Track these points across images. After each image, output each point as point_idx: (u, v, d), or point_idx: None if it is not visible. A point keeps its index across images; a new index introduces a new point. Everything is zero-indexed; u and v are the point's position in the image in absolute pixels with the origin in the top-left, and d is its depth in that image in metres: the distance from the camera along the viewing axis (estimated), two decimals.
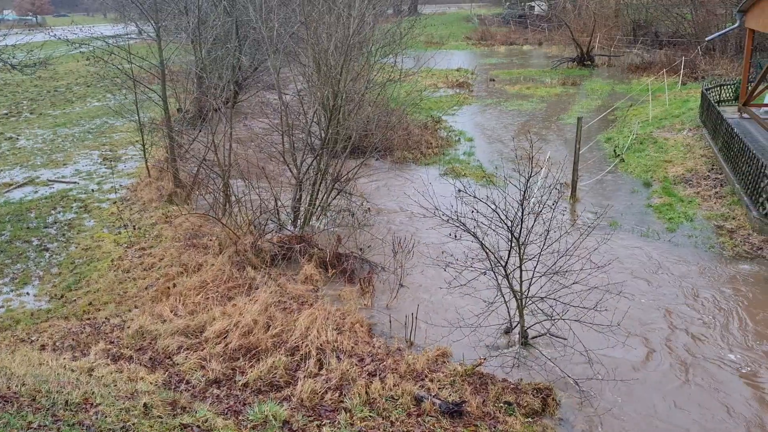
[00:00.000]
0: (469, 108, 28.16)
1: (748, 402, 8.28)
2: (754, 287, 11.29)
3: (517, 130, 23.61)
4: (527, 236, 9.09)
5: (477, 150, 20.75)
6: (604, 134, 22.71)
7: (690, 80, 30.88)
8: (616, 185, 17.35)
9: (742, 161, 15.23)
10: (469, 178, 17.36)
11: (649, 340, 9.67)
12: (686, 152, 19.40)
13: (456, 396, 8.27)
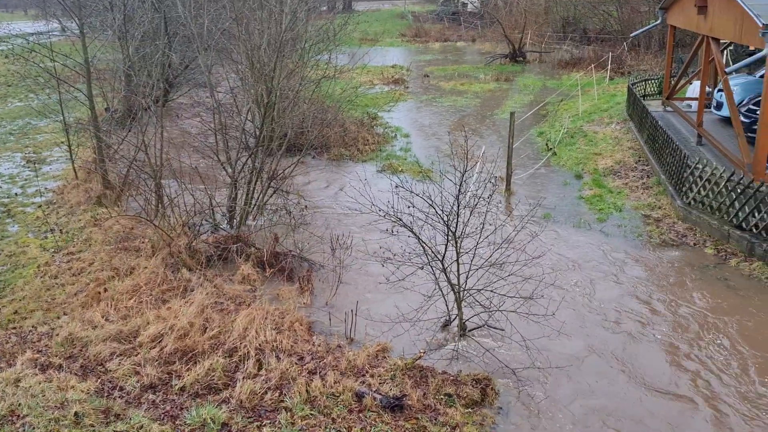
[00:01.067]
0: (405, 104, 28.32)
1: (678, 380, 8.60)
2: (680, 272, 11.75)
3: (452, 126, 23.88)
4: (463, 230, 9.20)
5: (413, 146, 20.89)
6: (537, 128, 23.21)
7: (617, 75, 31.89)
8: (549, 178, 17.76)
9: (667, 153, 15.83)
10: (407, 174, 17.45)
11: (583, 328, 9.93)
12: (615, 145, 20.03)
13: (397, 390, 8.30)
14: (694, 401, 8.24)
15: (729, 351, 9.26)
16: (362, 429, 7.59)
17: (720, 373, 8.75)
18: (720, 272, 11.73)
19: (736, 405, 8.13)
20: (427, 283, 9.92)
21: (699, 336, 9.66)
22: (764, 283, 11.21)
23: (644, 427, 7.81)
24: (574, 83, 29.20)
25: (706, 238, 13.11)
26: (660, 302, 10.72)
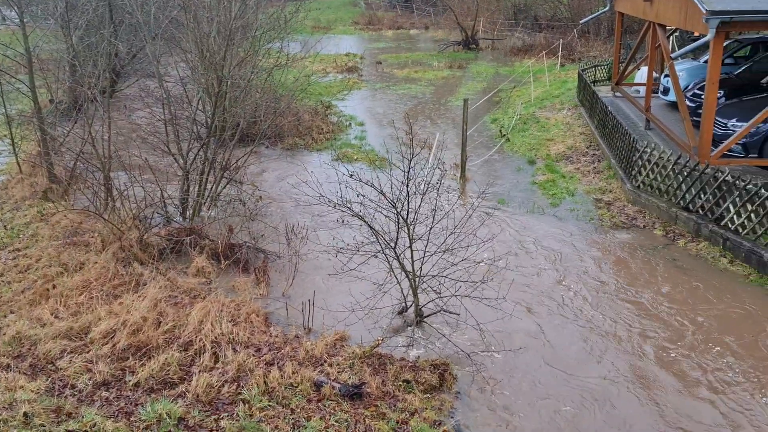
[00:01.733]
0: (360, 93, 28.23)
1: (624, 356, 8.82)
2: (631, 254, 12.03)
3: (406, 114, 23.90)
4: (415, 216, 9.23)
5: (368, 134, 20.85)
6: (490, 115, 23.41)
7: (568, 62, 32.35)
8: (503, 164, 17.94)
9: (616, 137, 16.14)
10: (361, 163, 17.42)
11: (535, 310, 10.09)
12: (566, 130, 20.33)
13: (355, 378, 8.32)
14: (642, 378, 8.45)
15: (677, 328, 9.52)
16: (321, 418, 7.58)
17: (668, 346, 9.01)
18: (669, 253, 12.04)
19: (681, 378, 8.39)
20: (382, 271, 9.94)
21: (647, 314, 9.91)
22: (710, 262, 11.55)
23: (596, 409, 7.99)
24: (526, 70, 29.52)
25: (655, 220, 13.43)
26: (611, 283, 10.95)
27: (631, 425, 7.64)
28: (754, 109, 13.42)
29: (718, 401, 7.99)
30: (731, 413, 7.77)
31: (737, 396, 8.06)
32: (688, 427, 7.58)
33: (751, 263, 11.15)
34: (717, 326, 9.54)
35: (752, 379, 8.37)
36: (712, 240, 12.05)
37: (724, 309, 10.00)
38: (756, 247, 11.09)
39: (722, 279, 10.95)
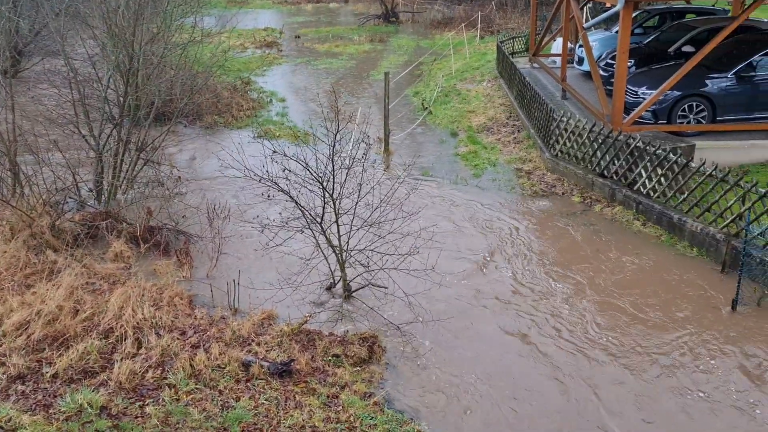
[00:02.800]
0: (280, 68, 27.73)
1: (548, 317, 9.11)
2: (550, 220, 12.38)
3: (328, 89, 23.66)
4: (341, 191, 9.18)
5: (290, 110, 20.55)
6: (412, 88, 23.47)
7: (487, 34, 32.74)
8: (426, 137, 18.06)
9: (535, 108, 16.50)
10: (284, 139, 17.16)
11: (463, 279, 10.27)
12: (487, 102, 20.63)
13: (284, 356, 8.26)
14: (562, 336, 8.76)
15: (597, 286, 9.89)
16: (251, 397, 7.51)
17: (591, 305, 9.36)
18: (586, 218, 12.45)
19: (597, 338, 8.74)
20: (309, 247, 9.86)
21: (567, 278, 10.25)
22: (624, 225, 12.02)
23: (520, 375, 8.22)
24: (446, 43, 29.68)
25: (573, 187, 13.84)
26: (533, 249, 11.25)
27: (551, 387, 7.91)
28: (662, 77, 13.96)
29: (637, 336, 8.38)
30: (642, 348, 8.17)
31: (646, 326, 8.47)
32: (598, 385, 7.92)
33: (662, 225, 11.66)
34: (629, 282, 9.96)
35: (654, 319, 8.81)
36: (626, 204, 12.52)
37: (636, 267, 10.45)
38: (666, 209, 11.60)
39: (636, 241, 11.42)
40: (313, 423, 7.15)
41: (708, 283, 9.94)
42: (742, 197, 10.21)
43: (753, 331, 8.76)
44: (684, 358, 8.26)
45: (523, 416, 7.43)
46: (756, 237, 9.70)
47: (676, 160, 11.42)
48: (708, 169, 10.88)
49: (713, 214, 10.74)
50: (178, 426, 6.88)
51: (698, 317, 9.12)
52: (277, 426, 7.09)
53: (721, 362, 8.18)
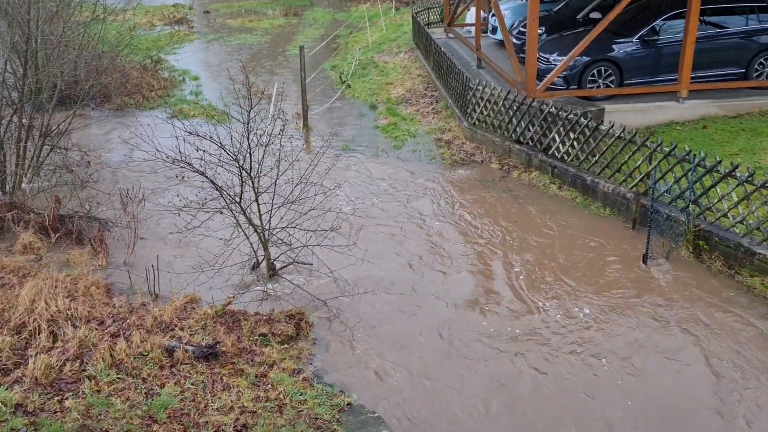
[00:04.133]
0: (191, 45, 26.89)
1: (475, 288, 9.31)
2: (471, 187, 12.59)
3: (243, 65, 23.11)
4: (259, 168, 9.02)
5: (204, 88, 19.98)
6: (329, 62, 23.24)
7: (402, 5, 32.68)
8: (345, 110, 17.96)
9: (451, 77, 16.63)
10: (199, 118, 16.70)
11: (386, 251, 10.33)
12: (404, 73, 20.66)
13: (209, 338, 8.12)
14: (497, 305, 8.98)
15: (518, 248, 10.16)
16: (176, 383, 7.36)
17: (513, 265, 9.61)
18: (505, 184, 12.73)
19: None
20: (229, 228, 9.66)
21: (489, 242, 10.47)
22: (541, 190, 12.36)
23: (444, 337, 8.38)
24: (361, 15, 29.46)
25: (491, 154, 14.09)
26: (455, 217, 11.42)
27: (480, 352, 8.10)
28: (572, 43, 14.30)
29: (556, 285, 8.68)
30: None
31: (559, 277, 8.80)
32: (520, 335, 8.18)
33: (576, 187, 12.05)
34: (547, 243, 10.27)
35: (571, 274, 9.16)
36: (542, 169, 12.86)
37: (554, 229, 10.78)
38: (580, 172, 11.99)
39: (553, 204, 11.77)
40: (242, 403, 7.08)
41: (620, 240, 10.36)
42: (648, 157, 10.65)
43: (662, 282, 9.20)
44: (601, 312, 8.61)
45: (453, 383, 7.58)
46: (662, 194, 10.17)
47: (587, 124, 11.78)
48: (616, 132, 11.28)
49: (623, 175, 11.17)
50: (101, 418, 6.67)
51: (612, 272, 9.51)
52: (205, 409, 6.98)
53: (633, 312, 8.57)
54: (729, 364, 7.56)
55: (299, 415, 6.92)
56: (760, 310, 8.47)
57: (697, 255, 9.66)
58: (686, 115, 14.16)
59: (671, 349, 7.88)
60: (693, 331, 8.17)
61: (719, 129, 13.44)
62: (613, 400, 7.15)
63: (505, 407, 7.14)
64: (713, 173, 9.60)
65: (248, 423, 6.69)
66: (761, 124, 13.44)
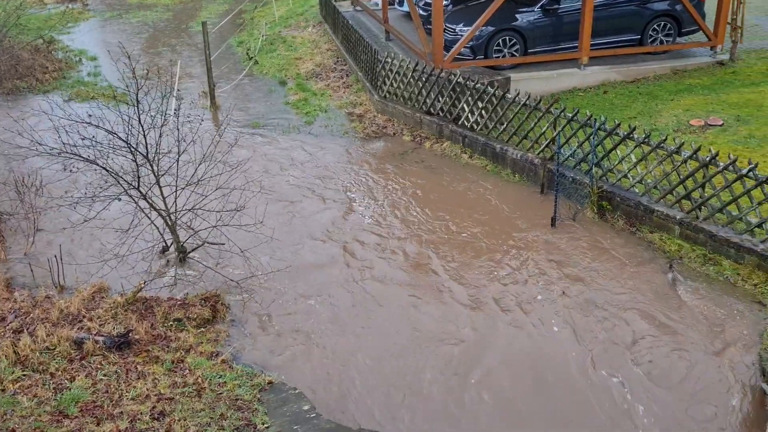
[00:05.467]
0: (87, 24, 25.55)
1: (389, 256, 9.38)
2: (384, 160, 12.62)
3: (144, 44, 22.22)
4: (157, 149, 8.72)
5: (103, 69, 19.03)
6: (235, 38, 22.62)
7: None
8: (254, 87, 17.57)
9: (360, 51, 16.52)
10: (99, 100, 15.93)
11: (298, 227, 10.25)
12: (313, 48, 20.37)
13: (121, 328, 7.85)
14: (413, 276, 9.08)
15: (430, 214, 10.29)
16: (87, 375, 7.09)
17: (426, 236, 9.73)
18: (417, 155, 12.82)
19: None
20: (130, 214, 9.26)
21: (402, 212, 10.56)
22: (453, 159, 12.53)
23: (365, 312, 8.43)
24: None
25: (403, 126, 14.14)
26: (370, 190, 11.43)
27: (399, 319, 8.19)
28: (477, 14, 14.44)
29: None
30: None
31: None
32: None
33: (486, 156, 12.28)
34: (461, 210, 10.46)
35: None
36: (453, 139, 13.02)
37: (467, 196, 10.98)
38: (489, 140, 12.21)
39: (465, 172, 11.96)
40: (158, 391, 6.90)
41: (530, 205, 10.66)
42: (553, 123, 10.96)
43: (568, 243, 9.55)
44: (514, 272, 8.86)
45: (370, 353, 7.63)
46: (567, 159, 10.51)
47: (494, 93, 11.99)
48: (522, 100, 11.53)
49: (530, 142, 11.46)
50: (6, 417, 6.35)
51: (523, 235, 9.78)
52: (120, 400, 6.76)
53: (544, 271, 8.87)
54: (632, 314, 7.96)
55: (219, 398, 6.81)
56: (660, 263, 8.93)
57: (601, 215, 10.07)
58: (588, 82, 14.65)
59: (568, 306, 8.22)
60: (589, 284, 8.53)
61: (618, 94, 13.98)
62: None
63: (412, 375, 7.27)
64: (613, 136, 9.99)
65: (166, 410, 6.53)
66: (656, 88, 14.07)
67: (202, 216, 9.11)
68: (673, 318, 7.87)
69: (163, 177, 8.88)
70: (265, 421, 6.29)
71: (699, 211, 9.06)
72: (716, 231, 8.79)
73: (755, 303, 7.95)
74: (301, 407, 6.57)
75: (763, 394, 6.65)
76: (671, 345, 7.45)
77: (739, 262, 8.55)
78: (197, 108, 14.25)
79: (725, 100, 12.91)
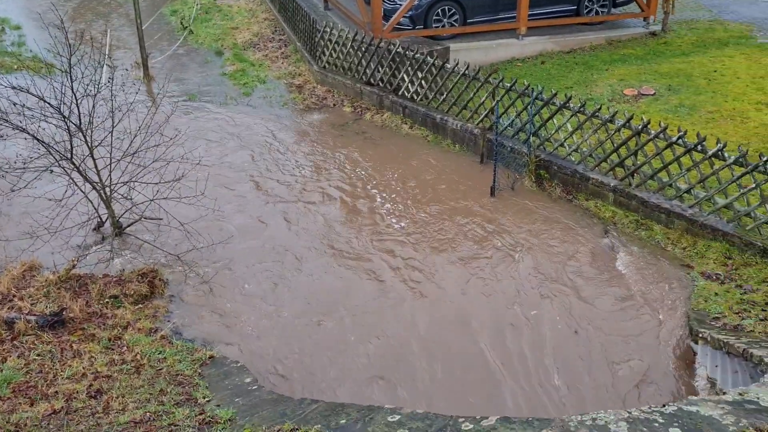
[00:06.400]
0: None
1: (330, 227, 9.35)
2: (325, 132, 12.51)
3: (72, 12, 21.25)
4: (90, 120, 8.39)
5: (28, 39, 18.14)
6: (169, 6, 21.85)
7: None
8: (190, 58, 17.08)
9: (298, 20, 16.23)
10: (25, 71, 15.19)
11: (237, 199, 10.10)
12: (250, 17, 19.90)
13: (54, 306, 7.60)
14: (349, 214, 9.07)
15: (375, 182, 10.29)
16: (20, 356, 6.85)
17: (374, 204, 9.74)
18: (358, 126, 12.76)
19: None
20: (63, 187, 8.94)
21: (342, 181, 10.52)
22: (394, 130, 12.52)
23: (306, 282, 8.41)
24: None
25: (343, 97, 14.02)
26: (308, 162, 11.33)
27: (339, 285, 8.20)
28: None
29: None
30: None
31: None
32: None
33: (427, 126, 12.31)
34: (403, 181, 10.50)
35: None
36: (393, 110, 12.99)
37: (408, 166, 11.01)
38: (429, 111, 12.24)
39: (405, 143, 11.97)
40: (95, 369, 6.72)
41: (470, 175, 10.77)
42: (491, 93, 11.05)
43: (506, 211, 9.72)
44: (455, 237, 8.96)
45: (310, 325, 7.63)
46: (505, 128, 10.63)
47: (433, 63, 11.98)
48: (461, 70, 11.57)
49: (469, 112, 11.54)
50: None
51: (462, 204, 9.89)
52: (55, 379, 6.56)
53: (483, 238, 9.01)
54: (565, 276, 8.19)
55: (158, 374, 6.69)
56: (595, 229, 9.18)
57: (539, 184, 10.26)
58: (526, 52, 14.79)
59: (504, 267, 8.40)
60: (527, 250, 8.72)
61: (555, 64, 14.18)
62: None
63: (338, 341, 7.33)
64: (550, 106, 10.15)
65: (103, 388, 6.37)
66: (592, 58, 14.33)
67: (139, 190, 8.84)
68: (608, 281, 8.12)
69: (96, 149, 8.56)
70: (206, 395, 6.22)
71: (632, 179, 9.33)
72: (648, 197, 9.08)
73: (684, 266, 8.28)
74: (243, 380, 6.52)
75: (690, 351, 6.96)
76: (606, 306, 7.70)
77: (669, 226, 8.87)
78: (130, 79, 13.76)
79: (657, 70, 13.26)
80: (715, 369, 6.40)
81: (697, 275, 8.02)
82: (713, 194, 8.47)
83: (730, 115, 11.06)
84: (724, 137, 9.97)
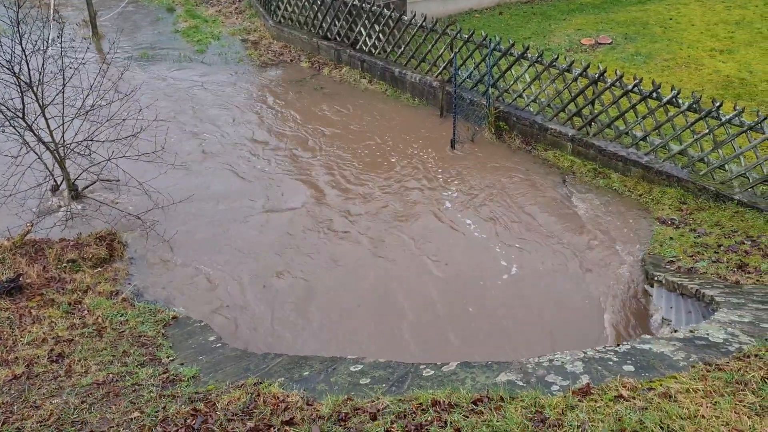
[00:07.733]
0: None
1: (292, 180, 9.29)
2: (283, 88, 12.31)
3: None
4: (41, 78, 8.10)
5: None
6: None
7: None
8: (140, 15, 16.56)
9: None
10: None
11: (197, 156, 9.94)
12: None
13: (10, 272, 7.44)
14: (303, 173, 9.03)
15: (322, 138, 10.22)
16: None
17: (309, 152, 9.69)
18: (316, 82, 12.59)
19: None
20: (16, 147, 8.69)
21: (304, 134, 10.42)
22: (353, 85, 12.39)
23: (268, 241, 8.37)
24: None
25: (300, 53, 13.79)
26: (265, 118, 11.17)
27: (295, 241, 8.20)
28: None
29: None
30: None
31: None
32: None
33: (386, 80, 12.21)
34: (363, 134, 10.44)
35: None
36: (351, 64, 12.83)
37: (368, 120, 10.94)
38: (388, 64, 12.12)
39: (365, 97, 11.87)
40: (56, 334, 6.64)
41: (430, 128, 10.75)
42: (449, 45, 10.97)
43: (467, 163, 9.76)
44: (410, 191, 9.00)
45: (272, 280, 7.64)
46: (464, 81, 10.60)
47: (390, 15, 11.82)
48: (419, 21, 11.44)
49: (428, 64, 11.46)
50: None
51: (422, 157, 9.89)
52: (14, 345, 6.46)
53: (445, 187, 9.06)
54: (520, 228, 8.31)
55: (121, 336, 6.64)
56: (554, 178, 9.29)
57: (498, 136, 10.30)
58: (484, 3, 14.69)
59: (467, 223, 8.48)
60: (488, 198, 8.80)
61: (513, 14, 14.12)
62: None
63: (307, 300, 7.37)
64: (508, 56, 10.12)
65: (65, 352, 6.30)
66: (550, 8, 14.30)
67: (94, 149, 8.61)
68: (567, 227, 8.26)
69: (48, 109, 8.29)
70: (170, 354, 6.20)
71: (589, 128, 9.43)
72: (605, 146, 9.20)
73: (641, 211, 8.46)
74: (207, 338, 6.51)
75: (645, 293, 7.16)
76: (564, 249, 7.85)
77: (626, 174, 9.02)
78: (79, 38, 13.32)
79: (614, 19, 13.31)
80: (670, 310, 6.60)
81: (653, 220, 8.21)
82: (668, 141, 8.62)
83: (685, 63, 11.20)
84: (679, 84, 10.11)
